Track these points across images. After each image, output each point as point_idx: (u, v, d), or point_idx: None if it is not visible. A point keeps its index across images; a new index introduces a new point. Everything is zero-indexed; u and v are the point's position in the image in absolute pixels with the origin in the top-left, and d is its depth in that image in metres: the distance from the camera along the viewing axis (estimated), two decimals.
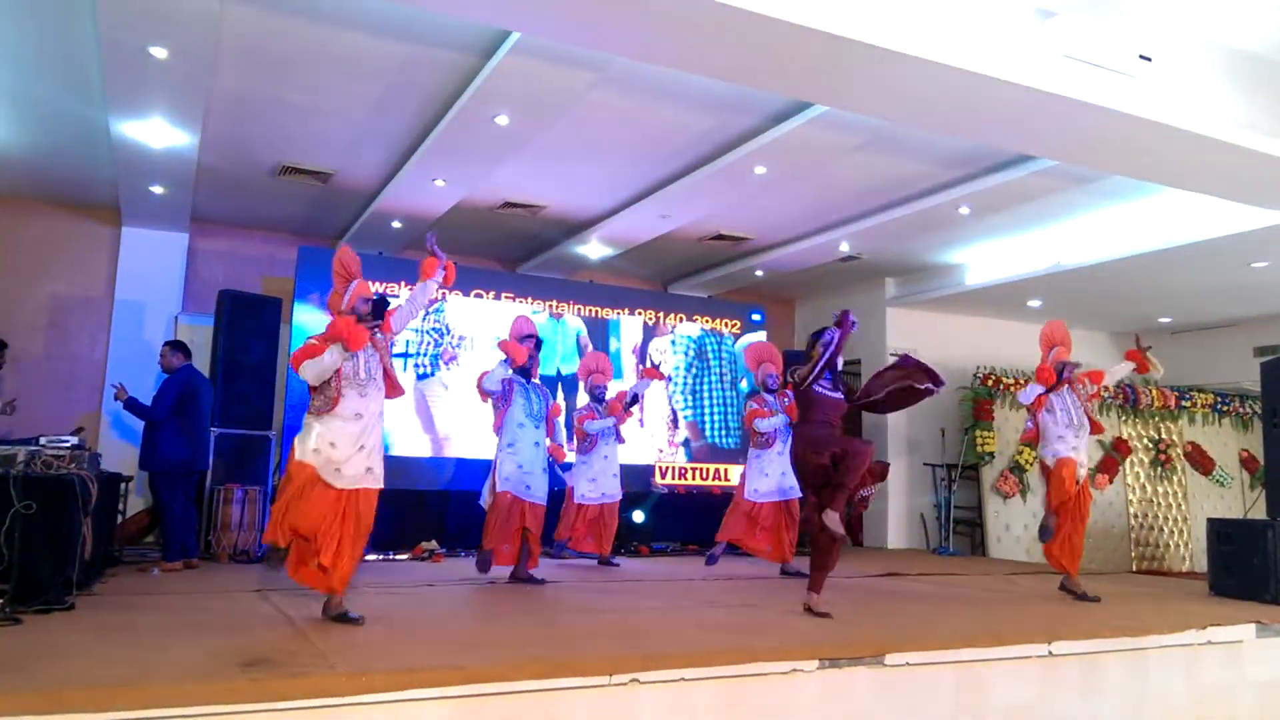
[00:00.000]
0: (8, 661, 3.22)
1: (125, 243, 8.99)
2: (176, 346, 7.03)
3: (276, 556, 4.49)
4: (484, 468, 6.97)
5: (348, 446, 4.38)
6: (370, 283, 4.79)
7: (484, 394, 6.30)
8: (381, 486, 4.52)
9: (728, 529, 7.33)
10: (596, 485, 7.50)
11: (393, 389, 4.63)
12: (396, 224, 8.78)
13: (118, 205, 8.54)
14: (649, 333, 10.03)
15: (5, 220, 8.66)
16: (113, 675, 3.07)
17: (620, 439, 7.70)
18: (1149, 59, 5.12)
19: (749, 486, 7.27)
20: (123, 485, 7.11)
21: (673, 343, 10.18)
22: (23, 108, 6.67)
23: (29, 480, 4.37)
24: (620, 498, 7.65)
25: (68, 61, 5.90)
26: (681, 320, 10.28)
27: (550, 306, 9.63)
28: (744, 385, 10.26)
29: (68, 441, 5.10)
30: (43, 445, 4.89)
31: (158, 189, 7.94)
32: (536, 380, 6.55)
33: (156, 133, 6.63)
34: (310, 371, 4.38)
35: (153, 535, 8.38)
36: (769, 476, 7.17)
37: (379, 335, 4.60)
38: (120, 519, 7.22)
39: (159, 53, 5.34)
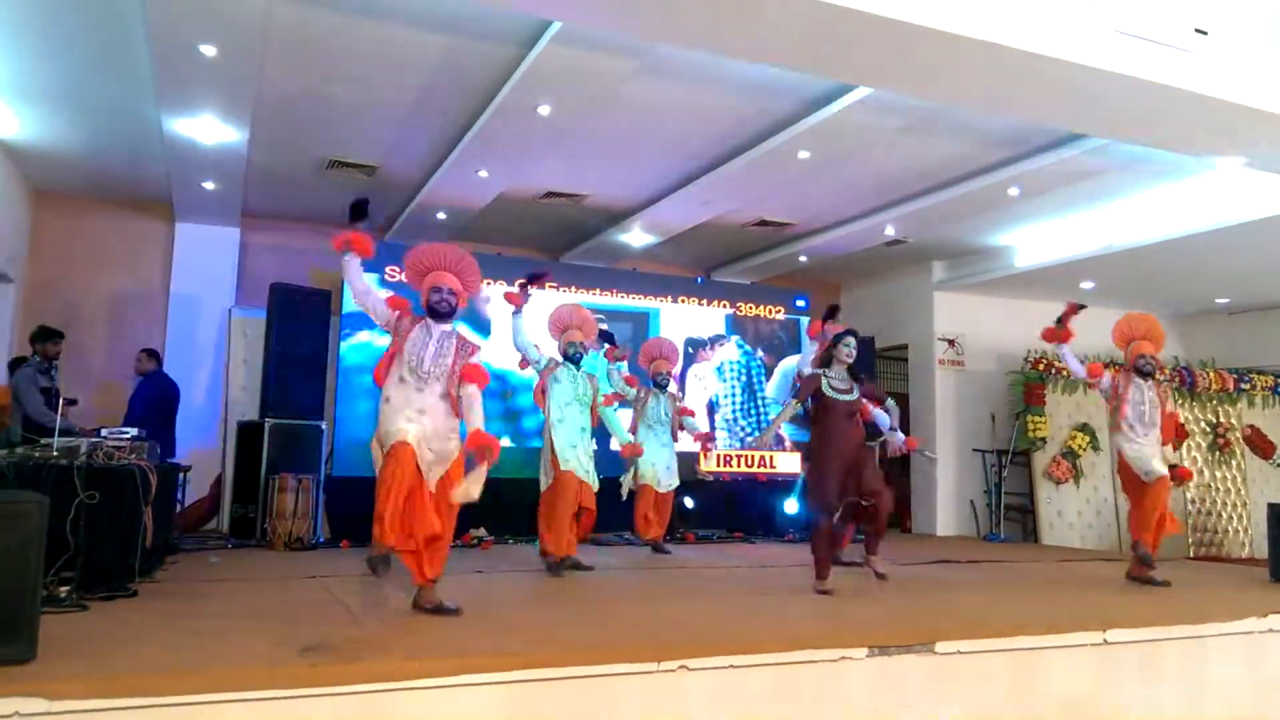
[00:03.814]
0: (76, 647, 3.32)
1: (179, 238, 9.20)
2: (150, 354, 7.95)
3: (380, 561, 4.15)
4: (531, 454, 7.01)
5: (420, 428, 4.21)
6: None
7: (521, 358, 6.35)
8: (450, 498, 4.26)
9: None
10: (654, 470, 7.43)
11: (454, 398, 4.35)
12: (441, 215, 8.85)
13: (171, 201, 8.73)
14: (689, 360, 9.94)
15: (64, 218, 8.89)
16: (177, 660, 3.16)
17: (670, 431, 7.62)
18: (1205, 33, 4.98)
19: None
20: (181, 475, 7.29)
21: (718, 370, 10.12)
22: (78, 107, 6.84)
23: (92, 471, 4.48)
24: (673, 487, 7.58)
25: (121, 61, 6.03)
26: (723, 345, 10.22)
27: (594, 294, 9.66)
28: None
29: (128, 433, 5.24)
30: (104, 437, 5.04)
31: (209, 185, 8.10)
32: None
33: (207, 129, 6.76)
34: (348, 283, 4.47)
35: (212, 523, 8.61)
36: None
37: (466, 348, 4.43)
38: (179, 507, 7.41)
39: (208, 50, 5.45)
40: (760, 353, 10.31)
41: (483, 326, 9.14)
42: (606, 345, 7.37)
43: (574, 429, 6.24)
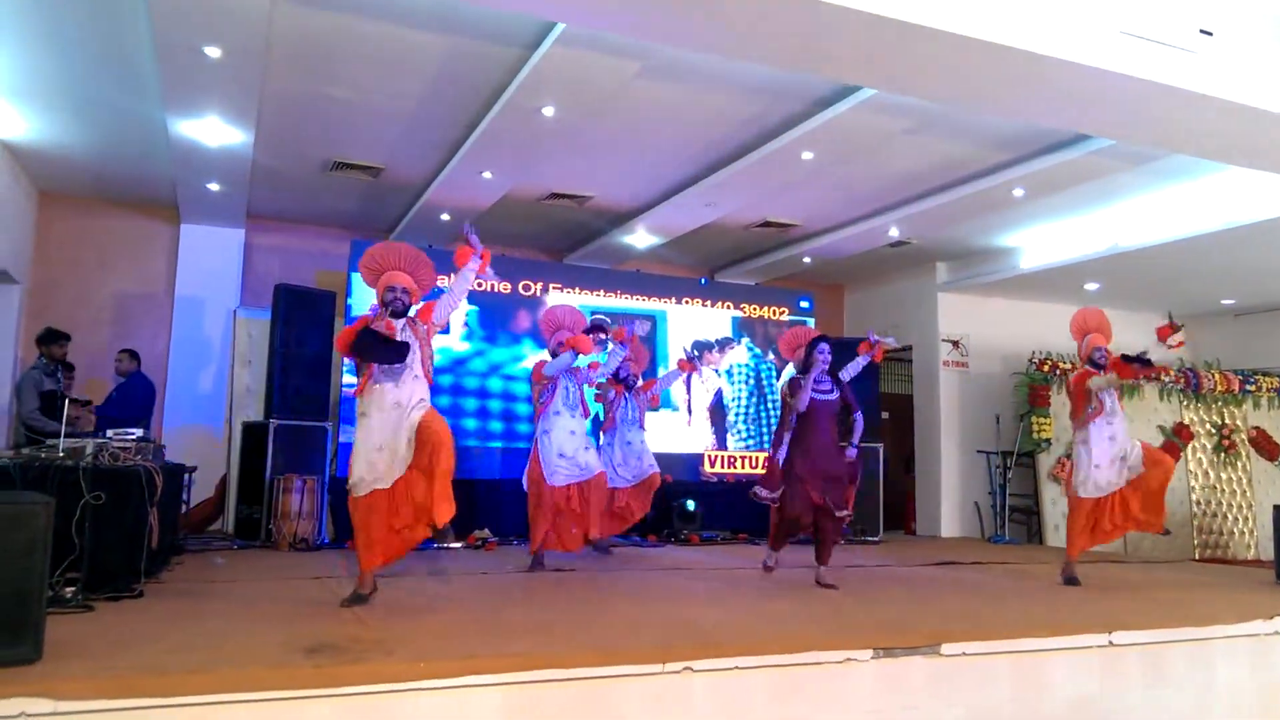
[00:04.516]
0: (82, 648, 3.33)
1: (184, 239, 9.21)
2: (131, 355, 7.87)
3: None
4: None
5: (392, 441, 4.43)
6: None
7: (541, 380, 6.40)
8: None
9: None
10: (625, 469, 7.46)
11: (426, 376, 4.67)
12: (445, 216, 8.86)
13: (176, 203, 8.75)
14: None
15: (69, 219, 8.91)
16: (182, 661, 3.17)
17: (641, 425, 7.63)
18: (1209, 33, 4.96)
19: None
20: (186, 475, 7.30)
21: (728, 373, 10.12)
22: (84, 108, 6.85)
23: (98, 472, 4.50)
24: (653, 469, 7.52)
25: (126, 63, 6.04)
26: (732, 349, 10.22)
27: (598, 296, 9.66)
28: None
29: (133, 434, 5.26)
30: (110, 438, 5.05)
31: (214, 186, 8.11)
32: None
33: (212, 131, 6.77)
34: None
35: (217, 523, 8.63)
36: None
37: (420, 325, 4.67)
38: (185, 508, 7.43)
39: (213, 52, 5.46)
40: (771, 355, 10.29)
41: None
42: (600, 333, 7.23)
43: (563, 435, 6.38)
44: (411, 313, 4.77)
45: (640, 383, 7.81)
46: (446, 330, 5.05)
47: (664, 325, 9.94)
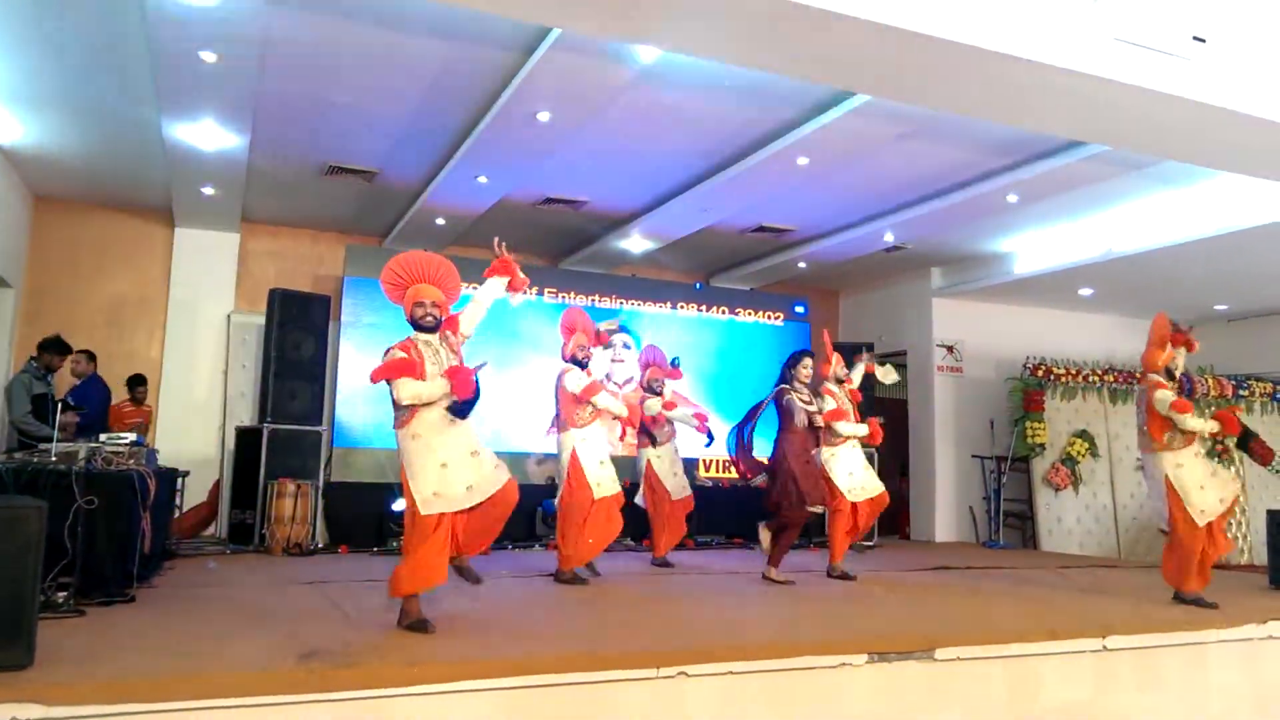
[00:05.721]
0: (73, 653, 3.32)
1: (179, 243, 9.21)
2: (90, 356, 7.76)
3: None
4: (521, 459, 6.91)
5: (459, 457, 4.17)
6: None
7: (578, 399, 6.23)
8: (504, 481, 4.30)
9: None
10: (677, 479, 7.36)
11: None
12: (440, 221, 8.86)
13: (171, 207, 8.74)
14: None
15: (65, 223, 8.90)
16: (174, 666, 3.16)
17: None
18: (1202, 40, 4.98)
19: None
20: (179, 480, 7.28)
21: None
22: (79, 113, 6.85)
23: (90, 476, 4.47)
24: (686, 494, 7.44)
25: (122, 67, 6.04)
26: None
27: (593, 299, 9.65)
28: None
29: (126, 438, 5.24)
30: (103, 442, 5.04)
31: (209, 190, 8.10)
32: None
33: (207, 135, 6.77)
34: (407, 391, 4.10)
35: (210, 528, 8.60)
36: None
37: (452, 338, 4.41)
38: (177, 513, 7.40)
39: (209, 56, 5.46)
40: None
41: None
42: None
43: (600, 444, 6.17)
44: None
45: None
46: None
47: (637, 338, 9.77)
